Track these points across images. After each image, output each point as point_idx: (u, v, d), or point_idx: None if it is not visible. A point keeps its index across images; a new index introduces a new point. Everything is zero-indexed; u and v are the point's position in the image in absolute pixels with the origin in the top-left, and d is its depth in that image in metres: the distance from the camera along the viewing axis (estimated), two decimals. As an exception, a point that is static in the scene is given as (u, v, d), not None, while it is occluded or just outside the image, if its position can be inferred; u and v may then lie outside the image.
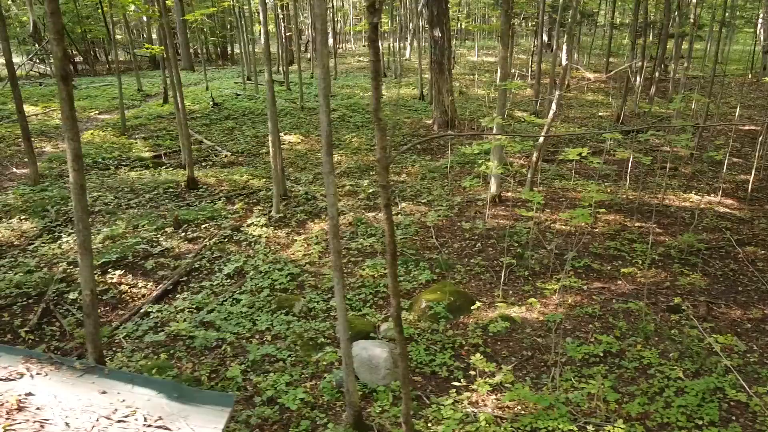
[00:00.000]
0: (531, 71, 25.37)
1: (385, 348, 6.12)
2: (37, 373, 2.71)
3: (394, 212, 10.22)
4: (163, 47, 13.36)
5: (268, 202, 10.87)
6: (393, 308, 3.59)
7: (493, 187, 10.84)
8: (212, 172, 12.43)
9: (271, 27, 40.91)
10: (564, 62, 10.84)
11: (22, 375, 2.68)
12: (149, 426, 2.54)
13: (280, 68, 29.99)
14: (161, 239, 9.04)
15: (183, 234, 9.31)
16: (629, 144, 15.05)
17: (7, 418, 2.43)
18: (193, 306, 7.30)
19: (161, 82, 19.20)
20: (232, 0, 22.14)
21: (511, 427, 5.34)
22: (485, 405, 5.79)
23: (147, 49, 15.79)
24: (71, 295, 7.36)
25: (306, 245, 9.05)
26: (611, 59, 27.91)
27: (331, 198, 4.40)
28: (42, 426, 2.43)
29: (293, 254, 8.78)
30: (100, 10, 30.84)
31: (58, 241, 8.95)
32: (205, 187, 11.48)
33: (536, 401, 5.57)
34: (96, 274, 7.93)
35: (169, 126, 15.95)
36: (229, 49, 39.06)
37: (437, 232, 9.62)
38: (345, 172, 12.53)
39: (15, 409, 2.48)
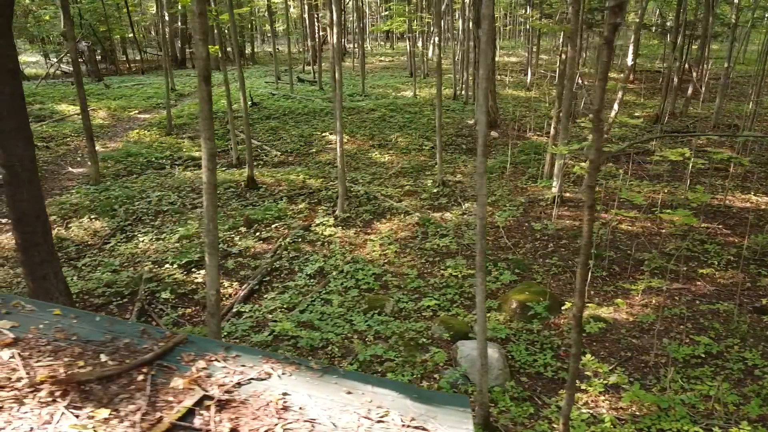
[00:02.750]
0: (559, 71, 25.31)
1: (495, 348, 6.13)
2: (283, 373, 2.72)
3: (459, 212, 10.23)
4: (218, 47, 13.38)
5: (329, 202, 10.89)
6: (575, 309, 3.60)
7: (555, 188, 10.84)
8: (267, 172, 12.45)
9: (284, 26, 40.91)
10: (630, 62, 10.84)
11: (269, 375, 2.69)
12: (407, 426, 2.55)
13: (304, 67, 30.05)
14: (236, 239, 9.06)
15: (256, 234, 9.33)
16: (673, 145, 15.02)
17: (279, 418, 2.45)
18: (284, 306, 7.32)
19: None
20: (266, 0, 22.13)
21: (635, 428, 5.35)
22: (596, 405, 5.81)
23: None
24: (163, 295, 7.38)
25: (379, 245, 9.06)
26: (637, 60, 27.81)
27: (482, 198, 4.41)
28: (313, 426, 2.44)
29: (369, 254, 8.79)
30: (125, 10, 30.90)
31: (134, 241, 8.98)
32: (264, 186, 11.50)
33: (656, 402, 5.58)
34: (181, 273, 7.97)
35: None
36: (248, 48, 39.03)
37: (507, 232, 9.62)
38: (400, 172, 12.53)
39: (281, 409, 2.49)
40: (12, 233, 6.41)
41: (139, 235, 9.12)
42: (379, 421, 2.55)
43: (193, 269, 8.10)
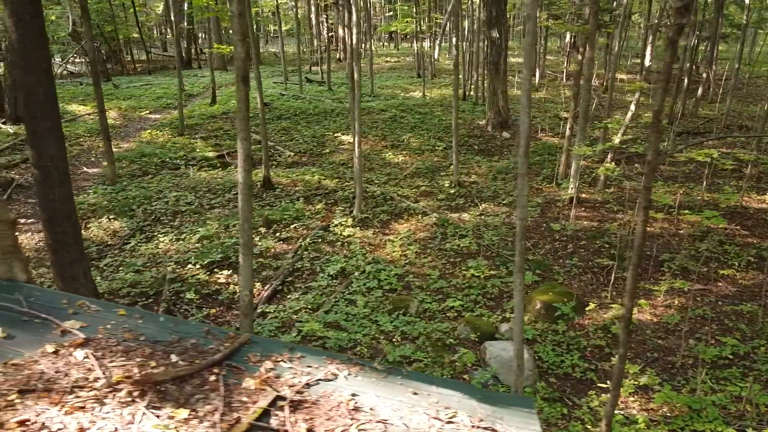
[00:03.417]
0: (566, 72, 25.35)
1: (524, 349, 6.12)
2: (348, 374, 2.73)
3: (477, 213, 10.24)
4: (232, 47, 13.41)
5: (346, 203, 10.90)
6: (626, 310, 3.61)
7: (571, 189, 10.84)
8: (282, 173, 12.46)
9: (287, 27, 40.88)
10: (648, 63, 10.84)
11: (336, 375, 2.70)
12: (476, 427, 2.55)
13: (311, 68, 30.04)
14: (256, 239, 9.06)
15: (276, 234, 9.34)
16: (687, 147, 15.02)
17: (351, 418, 2.45)
18: (308, 306, 7.32)
19: (210, 81, 19.21)
20: (275, 0, 22.15)
21: (668, 429, 5.35)
22: (627, 407, 5.81)
23: (218, 48, 15.94)
24: (188, 295, 7.38)
25: (399, 246, 9.06)
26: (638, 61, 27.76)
27: (523, 199, 4.41)
28: (385, 426, 2.44)
29: (389, 255, 8.79)
30: (131, 10, 30.93)
31: (154, 241, 8.99)
32: (280, 187, 11.50)
33: (688, 404, 5.58)
34: (204, 274, 7.98)
35: (224, 126, 15.98)
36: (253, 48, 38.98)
37: (526, 233, 9.61)
38: (415, 173, 12.53)
39: (352, 410, 2.50)
40: (43, 233, 6.42)
41: (159, 235, 9.12)
42: (448, 422, 2.55)
43: (215, 269, 8.10)
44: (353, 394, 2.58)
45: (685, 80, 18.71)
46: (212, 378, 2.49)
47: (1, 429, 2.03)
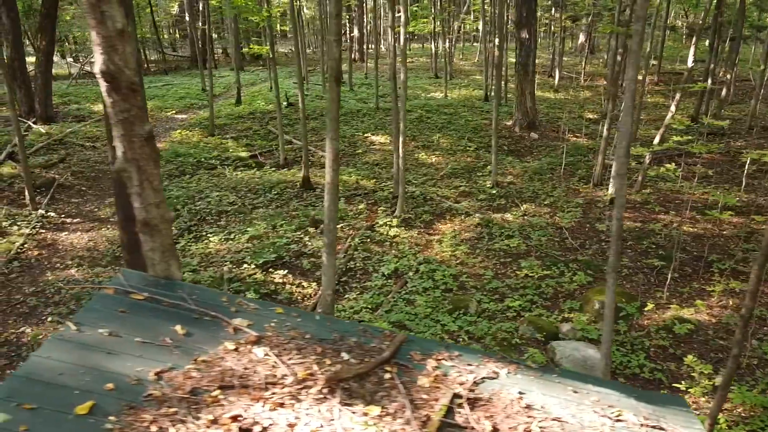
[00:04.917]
0: (584, 73, 25.35)
1: (594, 349, 6.15)
2: (508, 372, 2.75)
3: (519, 213, 10.25)
4: (268, 47, 13.44)
5: (386, 203, 10.92)
6: (746, 310, 3.63)
7: (611, 189, 10.85)
8: (319, 173, 12.47)
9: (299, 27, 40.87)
10: (690, 64, 10.87)
11: (497, 374, 2.72)
12: (644, 426, 2.58)
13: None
14: (305, 239, 9.09)
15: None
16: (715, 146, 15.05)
17: (528, 416, 2.47)
18: (368, 306, 7.34)
19: (230, 81, 19.24)
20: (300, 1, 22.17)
21: (747, 429, 5.37)
22: (699, 407, 5.82)
23: (252, 49, 16.08)
24: (248, 295, 7.40)
25: (448, 246, 9.08)
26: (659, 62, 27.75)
27: (621, 199, 4.43)
28: (561, 424, 2.46)
29: (439, 255, 8.82)
30: (148, 10, 31.01)
31: (204, 241, 9.01)
32: (320, 187, 11.52)
33: (764, 404, 5.60)
34: (261, 273, 8.00)
35: (253, 126, 16.00)
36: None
37: (571, 233, 9.64)
38: (452, 173, 12.55)
39: (525, 407, 2.52)
40: (119, 233, 6.46)
41: (208, 235, 9.15)
42: (617, 420, 2.58)
43: (270, 269, 8.13)
44: (521, 392, 2.60)
45: (709, 81, 18.71)
46: (387, 376, 2.52)
47: (216, 424, 2.06)
